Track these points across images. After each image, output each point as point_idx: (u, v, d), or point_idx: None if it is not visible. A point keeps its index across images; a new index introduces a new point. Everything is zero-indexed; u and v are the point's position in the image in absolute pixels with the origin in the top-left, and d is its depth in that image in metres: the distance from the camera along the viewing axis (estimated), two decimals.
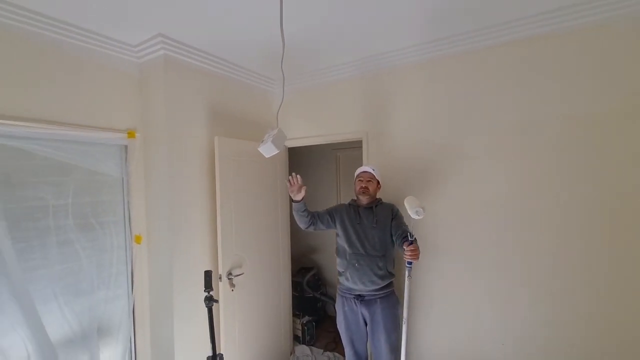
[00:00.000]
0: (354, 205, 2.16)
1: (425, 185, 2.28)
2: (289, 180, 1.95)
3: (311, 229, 2.10)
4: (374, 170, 2.12)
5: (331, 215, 2.14)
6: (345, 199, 2.26)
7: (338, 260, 2.12)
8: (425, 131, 2.28)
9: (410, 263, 1.80)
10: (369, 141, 2.52)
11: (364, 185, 2.09)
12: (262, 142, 1.72)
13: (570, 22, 1.80)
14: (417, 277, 2.30)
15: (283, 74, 1.80)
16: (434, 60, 2.23)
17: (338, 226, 2.11)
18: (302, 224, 2.09)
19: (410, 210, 1.73)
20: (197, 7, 1.71)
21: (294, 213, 2.06)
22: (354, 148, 3.24)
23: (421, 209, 1.71)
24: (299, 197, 1.96)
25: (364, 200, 2.11)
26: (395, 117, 2.40)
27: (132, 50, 2.13)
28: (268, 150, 1.69)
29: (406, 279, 1.83)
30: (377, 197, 2.19)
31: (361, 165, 2.27)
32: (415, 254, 1.76)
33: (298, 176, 1.95)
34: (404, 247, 1.79)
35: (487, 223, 2.08)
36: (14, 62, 1.68)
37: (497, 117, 2.03)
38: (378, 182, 2.14)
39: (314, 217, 2.09)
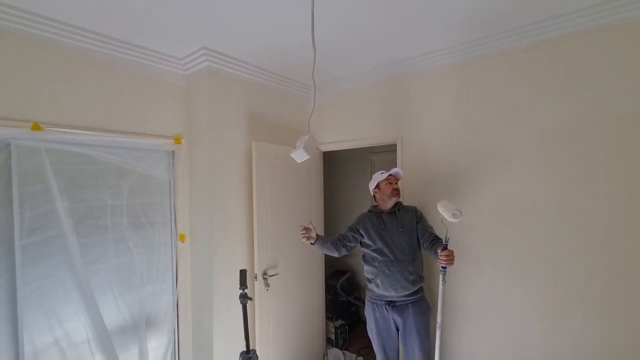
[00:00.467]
0: (375, 212, 2.14)
1: (462, 188, 2.20)
2: (303, 231, 1.99)
3: (344, 251, 2.10)
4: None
5: (354, 229, 2.13)
6: None
7: (366, 267, 2.10)
8: (461, 134, 2.21)
9: (444, 268, 1.76)
10: (403, 144, 2.49)
11: (396, 187, 2.09)
12: (295, 148, 1.79)
13: (616, 16, 1.66)
14: (451, 283, 2.22)
15: (314, 82, 1.86)
16: (468, 62, 2.17)
17: (364, 236, 2.10)
18: (334, 254, 2.09)
19: (447, 213, 1.69)
20: (237, 20, 1.82)
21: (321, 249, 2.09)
22: (389, 152, 3.21)
23: (458, 212, 1.67)
24: (312, 240, 2.00)
25: (390, 203, 2.09)
26: (429, 119, 2.35)
27: (179, 63, 2.31)
28: (300, 155, 1.76)
29: (440, 283, 1.78)
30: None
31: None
32: (451, 258, 1.71)
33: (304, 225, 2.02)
34: (438, 251, 1.76)
35: (531, 230, 1.96)
36: (80, 79, 1.90)
37: (536, 120, 1.92)
38: None
39: (341, 241, 2.10)
